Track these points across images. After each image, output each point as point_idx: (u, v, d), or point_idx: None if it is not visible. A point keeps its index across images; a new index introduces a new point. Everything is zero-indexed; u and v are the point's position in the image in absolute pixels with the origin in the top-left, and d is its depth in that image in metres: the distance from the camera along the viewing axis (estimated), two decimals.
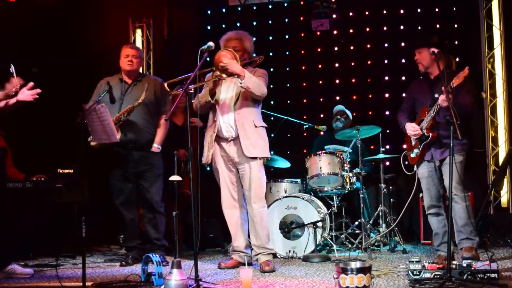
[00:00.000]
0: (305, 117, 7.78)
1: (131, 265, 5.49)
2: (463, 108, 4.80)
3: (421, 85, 5.26)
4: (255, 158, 5.11)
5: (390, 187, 7.03)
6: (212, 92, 5.12)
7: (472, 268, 4.07)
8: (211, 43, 4.52)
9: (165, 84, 5.15)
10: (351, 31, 8.67)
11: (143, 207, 5.84)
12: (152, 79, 5.87)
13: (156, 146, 5.68)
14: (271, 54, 8.55)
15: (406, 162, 5.37)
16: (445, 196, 5.32)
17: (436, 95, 4.95)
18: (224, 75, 4.96)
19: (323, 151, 6.37)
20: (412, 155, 5.21)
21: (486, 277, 4.03)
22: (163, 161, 5.77)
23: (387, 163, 7.56)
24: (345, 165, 6.33)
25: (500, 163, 7.55)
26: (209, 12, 9.11)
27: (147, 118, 5.66)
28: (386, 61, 8.45)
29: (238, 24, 8.64)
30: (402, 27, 8.42)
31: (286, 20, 8.92)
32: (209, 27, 9.02)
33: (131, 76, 5.78)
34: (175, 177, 4.35)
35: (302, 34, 8.83)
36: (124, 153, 5.61)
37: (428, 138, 4.99)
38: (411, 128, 5.11)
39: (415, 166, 5.26)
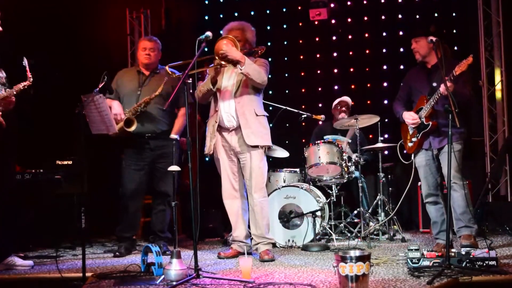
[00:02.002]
0: (303, 106, 7.79)
1: (124, 256, 5.51)
2: (463, 97, 4.80)
3: (417, 74, 5.26)
4: (256, 147, 5.11)
5: (389, 176, 7.04)
6: (214, 80, 5.12)
7: (471, 256, 4.09)
8: (209, 33, 4.52)
9: (167, 67, 5.14)
10: (349, 20, 8.66)
11: (155, 199, 5.87)
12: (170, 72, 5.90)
13: (173, 136, 5.72)
14: (269, 44, 8.55)
15: (405, 151, 5.38)
16: (443, 184, 5.33)
17: (435, 84, 4.95)
18: (223, 62, 4.95)
19: (322, 141, 6.37)
20: (410, 144, 5.22)
21: (484, 264, 4.05)
22: (179, 152, 5.80)
23: (386, 152, 7.58)
24: (344, 154, 6.34)
25: (498, 152, 7.56)
26: (206, 2, 9.11)
27: (165, 109, 5.68)
28: (384, 50, 8.46)
29: (236, 14, 8.63)
30: (400, 16, 8.42)
31: (284, 10, 8.92)
32: (206, 17, 9.02)
33: (149, 69, 5.81)
34: (174, 167, 4.35)
35: (300, 24, 8.82)
36: (141, 142, 5.65)
37: (427, 126, 5.00)
38: (410, 117, 5.12)
39: (412, 155, 5.28)
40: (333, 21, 8.66)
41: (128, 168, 5.70)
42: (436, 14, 8.22)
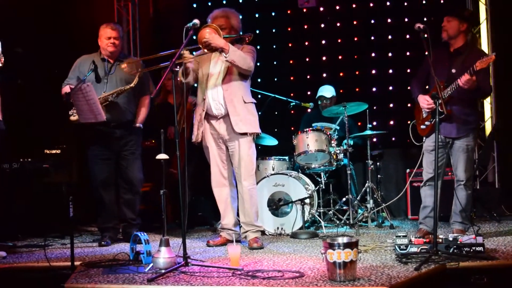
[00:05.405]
0: (292, 94, 7.78)
1: (110, 245, 5.50)
2: (484, 91, 4.88)
3: (438, 55, 5.07)
4: (245, 134, 5.11)
5: (378, 163, 7.06)
6: (187, 72, 5.07)
7: (458, 242, 4.12)
8: (196, 21, 4.51)
9: (141, 61, 5.10)
10: (337, 7, 8.63)
11: (121, 188, 5.81)
12: (136, 61, 5.86)
13: (138, 125, 5.71)
14: (257, 31, 8.51)
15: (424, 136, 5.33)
16: (446, 171, 5.35)
17: (454, 71, 4.92)
18: (206, 50, 4.94)
19: (310, 128, 6.37)
20: (423, 127, 5.18)
21: (472, 250, 4.08)
22: (142, 141, 5.83)
23: (374, 139, 7.59)
24: (332, 142, 6.34)
25: (486, 138, 7.59)
26: None
27: (130, 98, 5.66)
28: (372, 38, 8.43)
29: (224, 2, 8.59)
30: (388, 3, 8.40)
31: None
32: (195, 5, 8.95)
33: (113, 56, 5.76)
34: (162, 156, 4.34)
35: (289, 11, 8.78)
36: (106, 132, 5.60)
37: (441, 114, 4.87)
38: (425, 101, 5.05)
39: (424, 137, 5.25)
40: (321, 9, 8.62)
41: (96, 158, 5.67)
42: (424, 1, 8.21)
